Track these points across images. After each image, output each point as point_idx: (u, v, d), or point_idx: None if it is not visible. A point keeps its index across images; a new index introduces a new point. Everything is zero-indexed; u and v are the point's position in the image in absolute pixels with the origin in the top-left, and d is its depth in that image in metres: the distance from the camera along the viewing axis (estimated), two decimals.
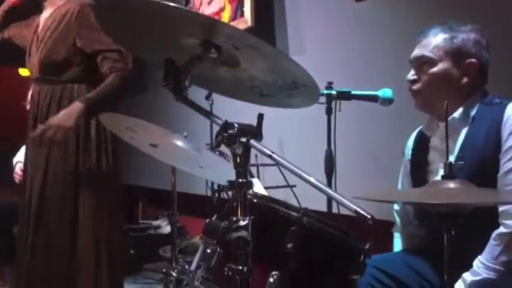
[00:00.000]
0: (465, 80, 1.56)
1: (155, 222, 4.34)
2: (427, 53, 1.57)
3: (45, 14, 2.30)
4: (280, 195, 2.57)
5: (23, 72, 4.46)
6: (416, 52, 1.61)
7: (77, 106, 2.03)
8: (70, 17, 2.16)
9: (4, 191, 3.26)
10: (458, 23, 1.58)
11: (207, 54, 1.06)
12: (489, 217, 1.42)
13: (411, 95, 1.64)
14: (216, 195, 3.13)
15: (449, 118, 1.55)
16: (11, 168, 3.25)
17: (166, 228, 4.06)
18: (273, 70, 1.07)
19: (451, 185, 1.11)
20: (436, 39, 1.57)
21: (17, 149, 3.26)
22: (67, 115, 2.02)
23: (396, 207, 1.82)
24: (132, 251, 3.83)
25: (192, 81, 1.09)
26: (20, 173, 3.03)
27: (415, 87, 1.61)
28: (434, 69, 1.56)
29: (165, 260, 3.58)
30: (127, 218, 4.28)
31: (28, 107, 2.46)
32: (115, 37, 1.16)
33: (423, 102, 1.61)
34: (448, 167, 1.15)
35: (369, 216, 0.82)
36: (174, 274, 1.36)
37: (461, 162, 1.26)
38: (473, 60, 1.55)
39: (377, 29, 2.49)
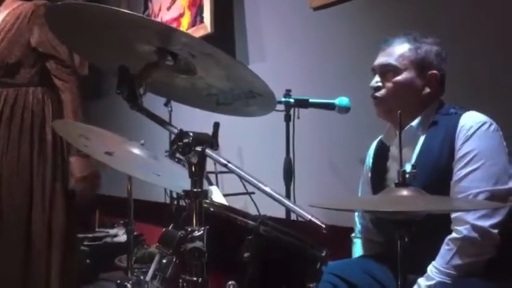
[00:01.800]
0: (427, 90, 1.60)
1: (112, 231, 4.24)
2: (393, 62, 1.60)
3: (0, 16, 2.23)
4: (239, 202, 2.57)
5: None
6: (382, 60, 1.63)
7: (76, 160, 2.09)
8: (24, 17, 2.11)
9: None
10: (421, 34, 1.62)
11: (163, 62, 1.05)
12: (443, 223, 1.45)
13: (374, 103, 1.65)
14: (175, 202, 3.09)
15: (407, 127, 1.60)
16: None
17: (123, 237, 3.97)
18: (230, 79, 1.07)
19: (404, 192, 1.13)
20: (401, 49, 1.60)
21: None
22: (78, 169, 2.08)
23: (356, 213, 1.85)
24: (88, 260, 3.73)
25: (148, 89, 1.07)
26: None
27: (379, 94, 1.63)
28: (399, 78, 1.59)
29: (121, 269, 3.50)
30: (83, 226, 4.18)
31: None
32: (68, 43, 1.13)
33: (385, 110, 1.63)
34: (402, 174, 1.18)
35: (323, 226, 0.82)
36: (128, 285, 1.32)
37: (415, 170, 1.29)
38: (434, 71, 1.59)
39: (334, 38, 2.53)
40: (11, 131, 2.09)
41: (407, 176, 1.25)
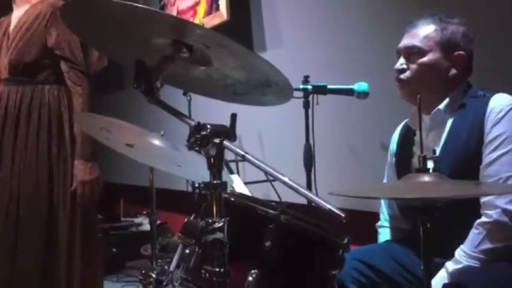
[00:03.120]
0: (453, 71, 1.57)
1: (137, 220, 4.31)
2: (418, 43, 1.57)
3: (18, 13, 2.25)
4: (261, 189, 2.58)
5: None
6: (406, 42, 1.60)
7: (81, 163, 2.08)
8: (43, 18, 2.13)
9: None
10: (447, 15, 1.59)
11: (178, 54, 1.05)
12: (472, 208, 1.43)
13: (398, 85, 1.62)
14: (197, 191, 3.12)
15: (434, 110, 1.57)
16: None
17: (148, 226, 4.02)
18: (245, 69, 1.07)
19: (425, 178, 1.12)
20: (426, 30, 1.57)
21: None
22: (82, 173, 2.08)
23: (382, 201, 1.83)
24: (114, 249, 3.81)
25: (165, 81, 1.07)
26: None
27: (404, 76, 1.60)
28: (424, 59, 1.56)
29: (146, 257, 3.56)
30: (108, 216, 4.25)
31: None
32: (84, 38, 1.14)
33: (410, 93, 1.59)
34: (422, 160, 1.16)
35: (342, 215, 0.82)
36: (153, 275, 1.34)
37: (436, 155, 1.27)
38: (461, 52, 1.56)
39: (352, 22, 2.49)
40: (29, 129, 2.12)
41: (432, 161, 1.24)
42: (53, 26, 2.11)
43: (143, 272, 1.38)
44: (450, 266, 1.43)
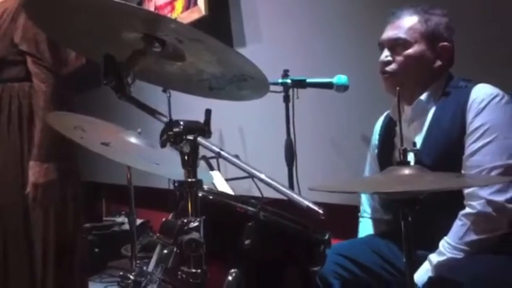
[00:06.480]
0: (438, 63, 1.56)
1: (119, 219, 4.26)
2: (402, 35, 1.55)
3: None
4: (244, 185, 2.55)
5: None
6: (390, 33, 1.58)
7: (36, 164, 1.99)
8: (9, 13, 2.07)
9: None
10: (429, 6, 1.57)
11: (150, 49, 1.02)
12: (455, 198, 1.42)
13: (383, 78, 1.60)
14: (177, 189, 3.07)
15: (416, 100, 1.57)
16: None
17: None
18: (221, 63, 1.04)
19: (406, 171, 1.10)
20: (410, 21, 1.56)
21: None
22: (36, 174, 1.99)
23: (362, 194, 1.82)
24: (96, 249, 3.75)
25: (139, 77, 1.04)
26: None
27: (389, 68, 1.58)
28: (410, 51, 1.55)
29: (128, 257, 3.51)
30: (90, 216, 4.19)
31: None
32: (50, 33, 1.10)
33: (396, 84, 1.57)
34: (403, 152, 1.15)
35: (321, 212, 0.80)
36: (131, 277, 1.31)
37: (416, 148, 1.26)
38: (446, 43, 1.56)
39: (330, 15, 2.47)
40: None
41: (413, 153, 1.22)
42: (18, 21, 2.05)
43: (121, 273, 1.34)
44: (434, 258, 1.43)
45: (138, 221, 3.46)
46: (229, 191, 1.85)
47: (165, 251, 1.22)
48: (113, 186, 4.45)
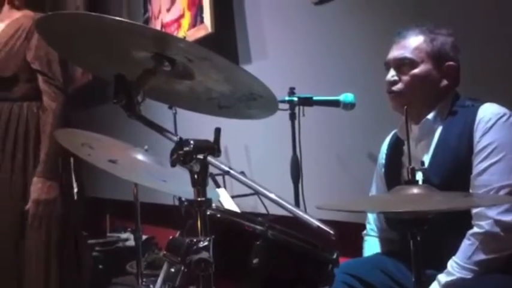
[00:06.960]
0: (444, 82, 1.57)
1: (123, 235, 4.22)
2: (409, 55, 1.56)
3: (0, 27, 2.21)
4: (249, 202, 2.54)
5: None
6: (397, 53, 1.59)
7: (40, 181, 2.00)
8: (22, 31, 2.10)
9: None
10: (434, 26, 1.59)
11: (160, 68, 1.03)
12: (463, 218, 1.42)
13: (390, 97, 1.61)
14: (184, 206, 3.07)
15: (423, 120, 1.57)
16: None
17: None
18: (229, 81, 1.04)
19: (414, 190, 1.10)
20: (416, 41, 1.57)
21: None
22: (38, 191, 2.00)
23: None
24: (100, 266, 3.73)
25: (148, 96, 1.05)
26: None
27: (396, 88, 1.59)
28: (416, 71, 1.56)
29: (133, 274, 3.49)
30: (94, 232, 4.17)
31: None
32: (62, 52, 1.11)
33: (403, 104, 1.58)
34: (411, 172, 1.14)
35: (332, 232, 0.80)
36: None
37: (425, 167, 1.26)
38: (452, 63, 1.56)
39: (336, 33, 2.49)
40: (5, 145, 2.07)
41: (421, 172, 1.22)
42: (32, 39, 2.07)
43: None
44: (443, 278, 1.42)
45: (143, 237, 3.44)
46: (236, 209, 1.85)
47: (173, 270, 1.22)
48: (117, 202, 4.44)
